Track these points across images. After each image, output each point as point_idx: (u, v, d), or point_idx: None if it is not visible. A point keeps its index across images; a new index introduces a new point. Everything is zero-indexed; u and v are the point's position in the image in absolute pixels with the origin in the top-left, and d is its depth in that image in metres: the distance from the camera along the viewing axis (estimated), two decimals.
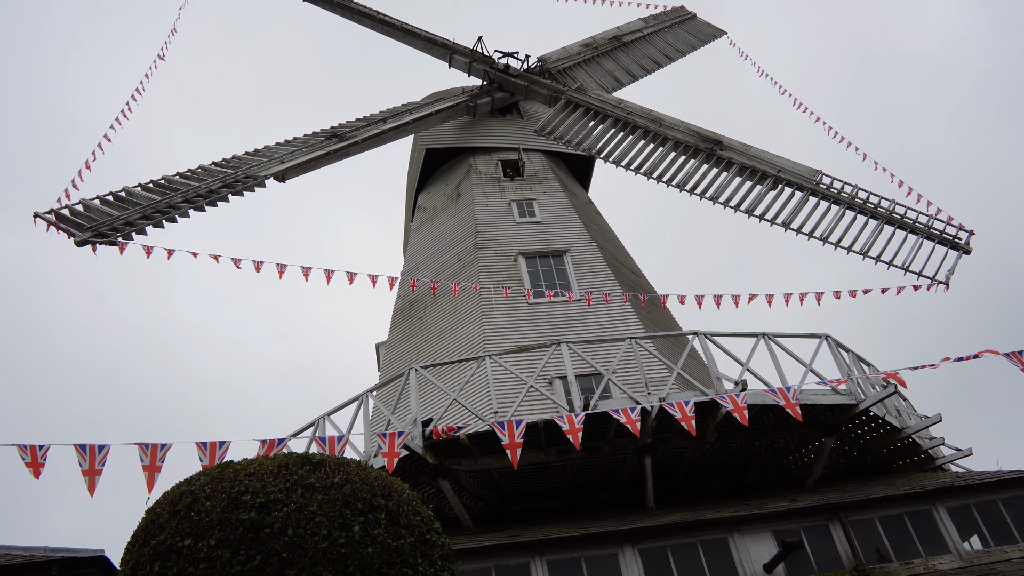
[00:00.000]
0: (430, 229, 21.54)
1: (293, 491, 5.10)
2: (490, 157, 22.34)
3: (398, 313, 19.46)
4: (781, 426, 12.71)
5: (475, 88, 23.91)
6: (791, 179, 18.36)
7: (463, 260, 18.90)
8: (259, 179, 16.87)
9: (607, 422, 11.47)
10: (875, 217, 17.56)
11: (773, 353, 12.79)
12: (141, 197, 15.28)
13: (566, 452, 12.02)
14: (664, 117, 20.40)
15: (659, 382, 13.73)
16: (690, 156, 19.40)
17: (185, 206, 15.36)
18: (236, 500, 4.99)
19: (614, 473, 13.05)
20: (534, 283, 17.56)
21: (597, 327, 16.26)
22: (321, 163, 18.64)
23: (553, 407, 13.05)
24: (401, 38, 24.46)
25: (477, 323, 16.54)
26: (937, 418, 12.83)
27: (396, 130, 20.71)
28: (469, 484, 12.61)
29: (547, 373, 14.25)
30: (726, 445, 13.04)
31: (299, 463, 5.41)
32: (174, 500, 5.24)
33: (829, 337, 13.08)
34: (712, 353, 12.79)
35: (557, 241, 18.88)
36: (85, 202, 14.57)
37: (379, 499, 5.30)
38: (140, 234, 14.29)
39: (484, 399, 13.55)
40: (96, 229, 13.88)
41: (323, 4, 24.55)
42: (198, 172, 16.80)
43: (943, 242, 17.21)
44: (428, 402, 14.19)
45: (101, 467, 9.42)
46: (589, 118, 20.95)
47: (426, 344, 17.50)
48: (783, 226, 17.89)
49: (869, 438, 13.36)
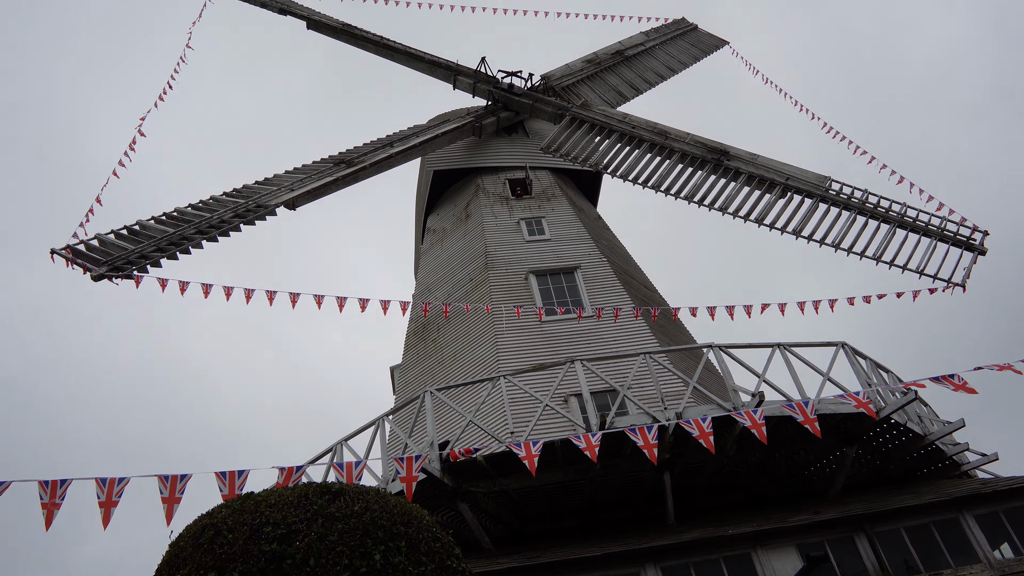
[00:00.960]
0: (440, 250, 21.59)
1: (314, 521, 5.10)
2: (497, 176, 22.42)
3: (411, 336, 19.47)
4: (801, 437, 12.60)
5: (480, 108, 24.06)
6: (800, 186, 18.31)
7: (474, 280, 18.92)
8: (270, 207, 17.00)
9: (624, 439, 11.39)
10: (886, 221, 17.47)
11: (789, 363, 12.70)
12: (155, 230, 15.42)
13: (584, 471, 11.95)
14: (669, 129, 20.43)
15: (675, 396, 13.67)
16: (697, 167, 19.40)
17: (198, 237, 15.48)
18: (258, 531, 4.99)
19: (633, 490, 12.95)
20: (546, 301, 17.55)
21: (610, 343, 16.21)
22: (330, 189, 18.77)
23: (569, 425, 13.00)
24: (405, 62, 24.68)
25: (490, 343, 16.53)
26: (960, 423, 12.68)
27: (403, 153, 20.84)
28: (488, 506, 12.54)
29: (562, 391, 14.20)
30: (745, 458, 12.93)
31: (319, 492, 5.40)
32: (197, 533, 5.24)
33: (846, 345, 12.98)
34: (727, 365, 12.72)
35: (567, 258, 18.89)
36: (100, 237, 14.71)
37: (399, 527, 5.29)
38: (155, 267, 14.40)
39: (500, 420, 13.52)
40: (112, 263, 14.00)
41: (327, 31, 24.82)
42: (209, 203, 16.95)
43: (957, 243, 17.08)
44: (444, 424, 14.16)
45: (117, 499, 9.43)
46: (595, 134, 21.01)
47: (440, 366, 17.48)
48: (794, 234, 17.82)
49: (891, 446, 13.21)
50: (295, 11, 24.84)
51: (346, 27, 24.53)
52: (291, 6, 25.09)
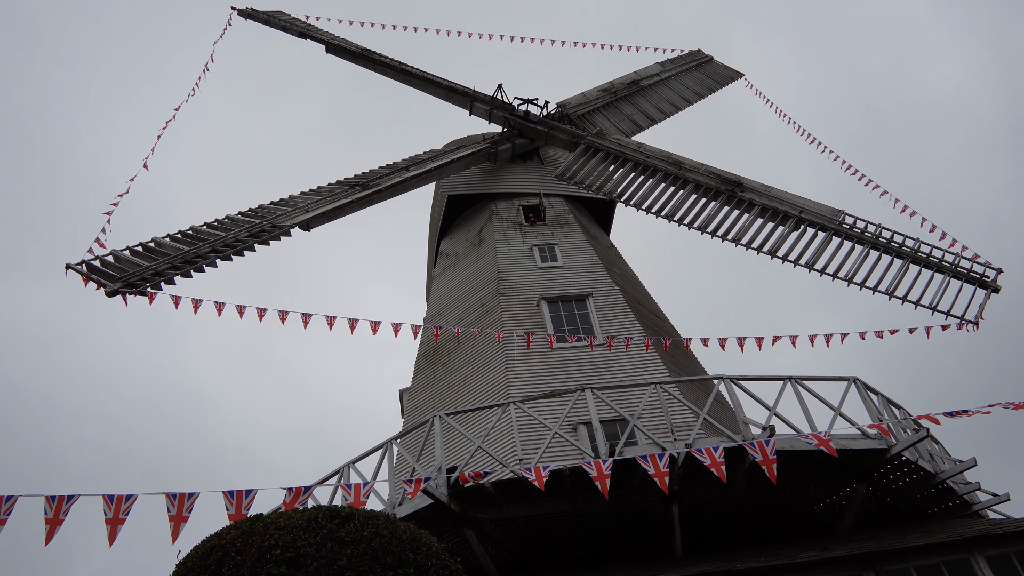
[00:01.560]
0: (453, 275, 21.66)
1: (323, 545, 5.09)
2: (511, 202, 22.54)
3: (421, 359, 19.48)
4: (811, 472, 12.49)
5: (496, 135, 24.24)
6: (814, 219, 18.33)
7: (486, 305, 18.96)
8: (284, 228, 17.13)
9: (634, 469, 11.33)
10: (900, 256, 17.44)
11: (800, 397, 12.63)
12: (169, 247, 15.56)
13: (592, 500, 11.87)
14: (684, 160, 20.52)
15: (685, 427, 13.60)
16: (711, 198, 19.45)
17: (212, 256, 15.60)
18: (266, 554, 4.99)
19: (641, 520, 12.85)
20: (557, 328, 17.55)
21: (621, 372, 16.18)
22: (345, 211, 18.90)
23: (578, 454, 12.93)
24: (422, 87, 24.95)
25: (500, 369, 16.52)
26: (972, 462, 12.54)
27: (418, 178, 21.00)
28: (494, 533, 12.46)
29: (571, 419, 14.16)
30: (755, 491, 12.81)
31: (328, 516, 5.40)
32: (205, 554, 5.24)
33: (858, 380, 12.91)
34: (738, 397, 12.66)
35: (579, 285, 18.91)
36: (116, 253, 14.85)
37: (408, 553, 5.27)
38: (169, 284, 14.51)
39: (509, 446, 13.47)
40: (126, 279, 14.11)
41: (346, 55, 25.15)
42: (225, 222, 17.10)
43: (971, 280, 17.02)
44: (452, 449, 14.13)
45: (124, 516, 9.43)
46: (609, 162, 21.12)
47: (450, 390, 17.47)
48: (807, 267, 17.80)
49: (902, 484, 13.07)
50: (315, 35, 25.21)
51: (364, 52, 24.85)
52: (311, 30, 25.48)
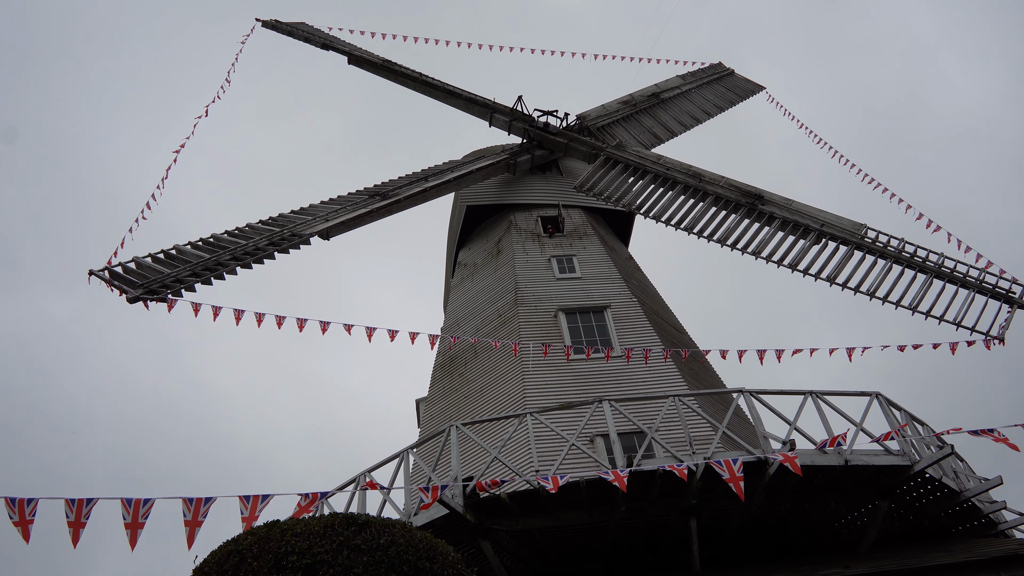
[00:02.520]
0: (471, 285, 21.66)
1: (339, 553, 5.07)
2: (530, 213, 22.53)
3: (438, 369, 19.47)
4: (832, 487, 12.32)
5: (515, 146, 24.26)
6: (835, 233, 18.15)
7: (503, 316, 18.93)
8: (304, 237, 17.20)
9: (651, 481, 11.24)
10: (923, 271, 17.22)
11: (821, 411, 12.48)
12: (190, 255, 15.68)
13: (609, 512, 11.78)
14: (704, 172, 20.43)
15: (703, 441, 13.47)
16: (731, 211, 19.33)
17: (233, 263, 15.69)
18: (282, 561, 4.97)
19: (658, 534, 12.72)
20: (574, 339, 17.48)
21: (639, 384, 16.07)
22: (364, 221, 18.97)
23: (595, 465, 12.84)
24: (443, 98, 25.05)
25: (517, 380, 16.47)
26: (998, 480, 12.31)
27: (437, 188, 21.05)
28: (510, 545, 12.38)
29: (588, 431, 14.07)
30: (774, 507, 12.66)
31: (345, 524, 5.38)
32: (221, 559, 5.23)
33: (880, 395, 12.74)
34: (758, 411, 12.53)
35: (597, 297, 18.85)
36: (138, 260, 14.98)
37: (424, 562, 5.24)
38: (189, 291, 14.60)
39: (525, 457, 13.40)
40: (147, 286, 14.22)
41: (367, 67, 25.33)
42: (245, 230, 17.20)
43: (996, 296, 16.76)
44: (468, 459, 14.08)
45: (144, 520, 9.46)
46: (628, 174, 21.07)
47: (466, 400, 17.44)
48: (828, 281, 17.62)
49: (925, 501, 12.86)
50: (337, 47, 25.42)
51: (386, 63, 25.01)
52: (334, 42, 25.69)
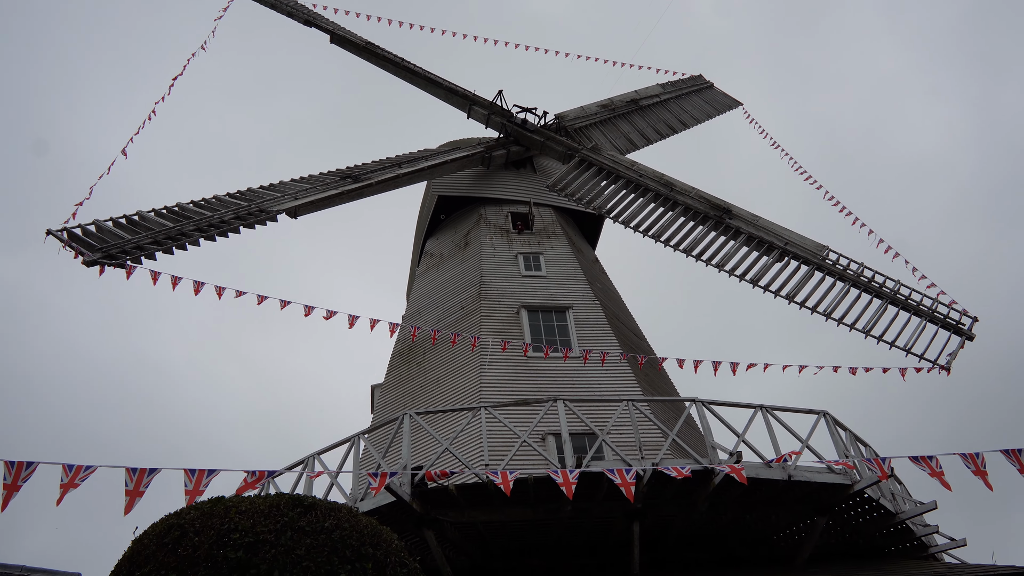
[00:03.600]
0: (436, 275, 21.63)
1: (283, 533, 5.06)
2: (501, 208, 22.56)
3: (396, 357, 19.42)
4: (774, 501, 12.57)
5: (491, 140, 24.27)
6: (798, 252, 18.49)
7: (466, 308, 18.95)
8: (272, 213, 17.02)
9: (598, 483, 11.35)
10: (879, 296, 17.64)
11: (770, 426, 12.73)
12: (154, 222, 15.41)
13: (555, 511, 11.88)
14: (675, 182, 20.65)
15: (653, 447, 13.63)
16: (699, 222, 19.57)
17: (196, 234, 15.47)
18: (225, 537, 4.94)
19: (601, 536, 12.87)
20: (535, 337, 17.57)
21: (594, 386, 16.21)
22: (334, 202, 18.82)
23: (544, 464, 12.92)
24: (423, 86, 24.90)
25: (475, 373, 16.51)
26: (932, 505, 12.69)
27: (410, 175, 20.96)
28: (453, 536, 12.43)
29: (541, 429, 14.16)
30: (716, 516, 12.88)
31: (290, 504, 5.36)
32: (162, 532, 5.18)
33: (827, 414, 13.02)
34: (708, 421, 12.73)
35: (561, 297, 18.95)
36: (98, 223, 14.68)
37: (368, 548, 5.24)
38: (149, 259, 14.37)
39: (476, 450, 13.44)
40: (106, 251, 13.96)
41: (350, 47, 25.07)
42: (212, 202, 16.97)
43: (946, 326, 17.25)
44: (420, 449, 14.07)
45: (79, 483, 9.32)
46: (601, 178, 21.20)
47: (422, 390, 17.43)
48: (787, 299, 17.95)
49: (862, 520, 13.19)
50: (320, 24, 25.11)
51: (369, 46, 24.79)
52: (317, 19, 25.38)
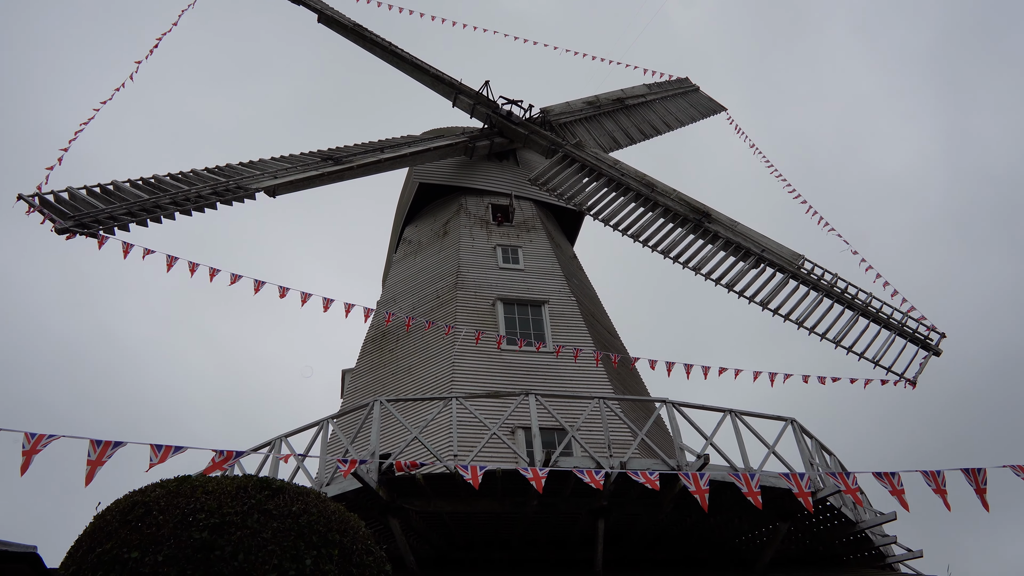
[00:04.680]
0: (413, 262, 21.52)
1: (249, 515, 4.98)
2: (481, 199, 22.48)
3: (369, 343, 19.30)
4: (738, 505, 12.67)
5: (475, 130, 24.16)
6: (774, 260, 18.65)
7: (442, 297, 18.87)
8: (250, 191, 16.81)
9: (566, 479, 11.37)
10: (851, 308, 17.86)
11: (738, 430, 12.83)
12: (129, 193, 15.14)
13: (521, 504, 11.88)
14: (657, 183, 20.71)
15: (622, 445, 13.69)
16: (678, 224, 19.66)
17: (172, 208, 15.23)
18: (189, 517, 4.86)
19: (566, 532, 12.91)
20: (509, 330, 17.55)
21: (566, 382, 16.24)
22: (314, 183, 18.63)
23: (513, 457, 12.93)
24: (410, 71, 24.73)
25: (447, 363, 16.46)
26: (892, 516, 12.88)
27: (392, 161, 20.81)
28: (418, 525, 12.40)
29: (511, 422, 14.16)
30: (681, 517, 12.96)
31: (258, 487, 5.29)
32: (126, 510, 5.08)
33: (795, 422, 13.16)
34: (677, 423, 12.80)
35: (537, 291, 18.95)
36: (72, 190, 14.41)
37: (334, 534, 5.19)
38: (123, 230, 14.13)
39: (445, 441, 13.40)
40: (79, 219, 13.70)
41: (337, 28, 24.81)
42: (189, 176, 16.71)
43: (915, 341, 17.52)
44: (388, 436, 14.01)
45: (41, 449, 9.12)
46: (584, 174, 21.21)
47: (393, 377, 17.34)
48: (761, 305, 18.11)
49: (823, 528, 13.36)
50: (309, 2, 24.82)
51: (356, 27, 24.55)
52: None
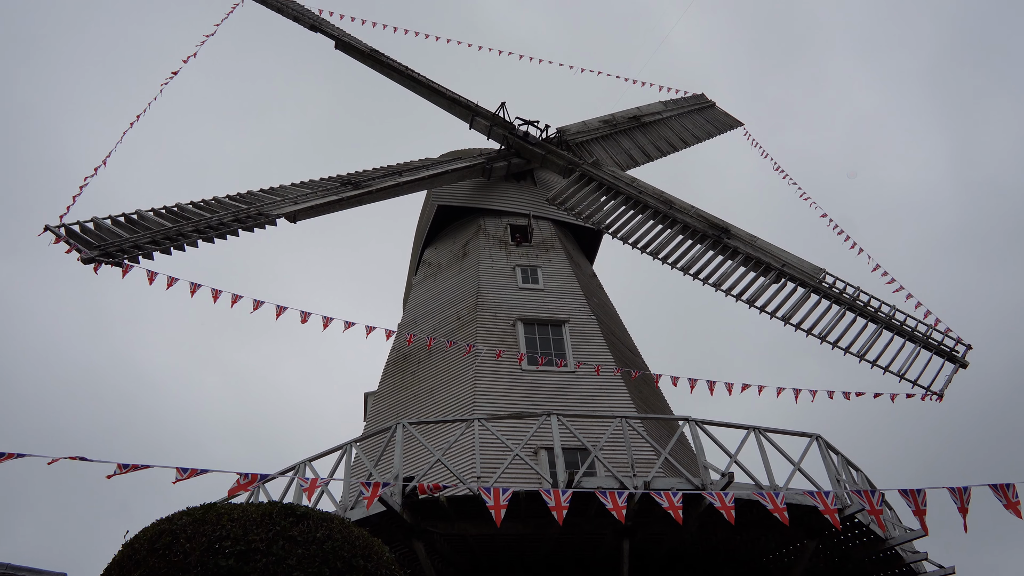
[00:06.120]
0: (432, 284, 21.63)
1: (274, 542, 5.03)
2: (500, 220, 22.59)
3: (390, 365, 19.39)
4: (763, 523, 12.53)
5: (492, 151, 24.32)
6: (794, 274, 18.55)
7: (462, 319, 18.94)
8: (271, 217, 17.02)
9: (590, 499, 11.32)
10: (874, 321, 17.69)
11: (762, 448, 12.73)
12: (152, 222, 15.39)
13: (544, 526, 11.83)
14: (675, 200, 20.71)
15: (645, 464, 13.62)
16: (697, 241, 19.63)
17: (195, 236, 15.45)
18: (215, 545, 4.91)
19: (590, 552, 12.83)
20: (530, 350, 17.55)
21: (588, 401, 16.20)
22: (334, 208, 18.83)
23: (536, 477, 12.91)
24: (426, 95, 24.96)
25: (469, 384, 16.49)
26: (921, 532, 12.67)
27: (411, 184, 21.00)
28: (443, 548, 12.38)
29: (534, 443, 14.13)
30: (706, 536, 12.85)
31: (283, 513, 5.33)
32: (153, 537, 5.15)
33: (820, 438, 13.03)
34: (701, 441, 12.72)
35: (557, 310, 18.96)
36: (97, 220, 14.66)
37: (359, 559, 5.22)
38: (147, 258, 14.35)
39: (468, 462, 13.41)
40: (104, 248, 13.93)
41: (354, 54, 25.13)
42: (211, 203, 16.96)
43: (940, 353, 17.29)
44: (411, 459, 14.04)
45: None
46: (601, 193, 21.26)
47: (415, 399, 17.39)
48: (782, 320, 18.00)
49: (852, 545, 13.17)
50: (326, 29, 25.17)
51: (374, 52, 24.86)
52: (322, 24, 25.43)
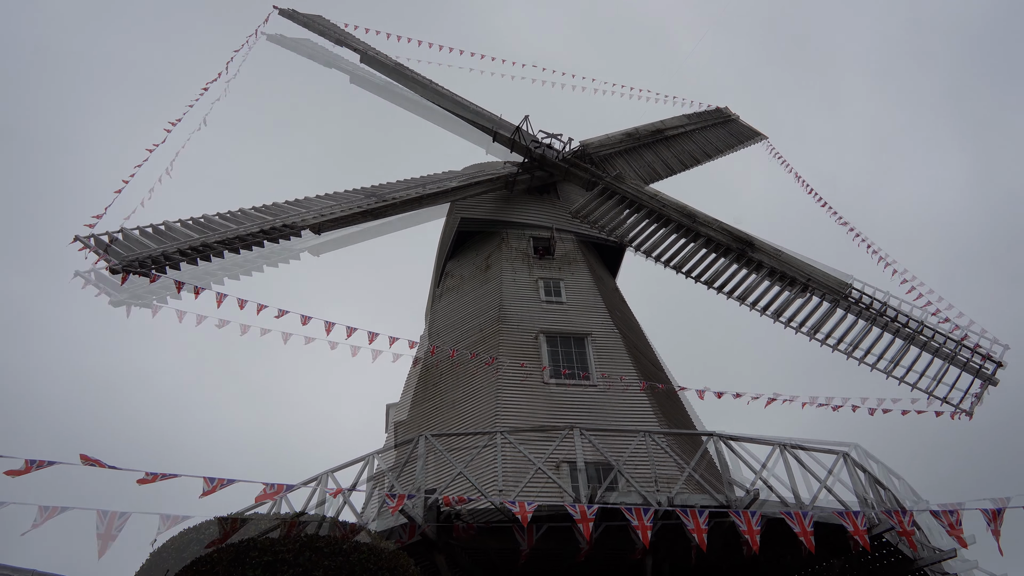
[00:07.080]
0: (455, 297, 21.66)
1: (301, 553, 5.03)
2: (523, 233, 22.58)
3: (413, 377, 19.41)
4: (789, 541, 12.36)
5: (516, 164, 24.38)
6: (820, 288, 18.38)
7: (484, 332, 18.93)
8: (296, 228, 17.18)
9: (612, 515, 11.23)
10: (902, 337, 17.46)
11: (788, 464, 12.57)
12: (179, 233, 15.60)
13: (567, 540, 11.75)
14: (698, 213, 20.63)
15: (669, 479, 13.50)
16: (721, 254, 19.54)
17: (220, 247, 15.63)
18: (244, 555, 4.92)
19: (613, 567, 12.70)
20: (553, 364, 17.50)
21: (611, 415, 16.10)
22: (358, 220, 18.97)
23: (559, 492, 12.83)
24: (450, 107, 25.10)
25: (491, 397, 16.45)
26: (952, 553, 12.43)
27: (434, 196, 21.10)
28: (464, 562, 12.33)
29: (556, 457, 14.05)
30: (731, 553, 12.68)
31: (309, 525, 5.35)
32: (181, 547, 5.18)
33: (848, 455, 12.85)
34: (726, 457, 12.59)
35: (580, 324, 18.89)
36: (126, 231, 14.90)
37: (384, 572, 5.20)
38: (174, 269, 14.53)
39: (490, 475, 13.36)
40: (132, 258, 14.13)
41: (379, 67, 25.41)
42: (237, 215, 17.16)
43: (969, 369, 17.03)
44: (433, 471, 14.01)
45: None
46: (624, 206, 21.24)
47: (438, 412, 17.38)
48: (808, 335, 17.84)
49: (879, 564, 12.95)
50: (351, 44, 25.48)
51: (398, 66, 25.11)
52: (348, 38, 25.76)
